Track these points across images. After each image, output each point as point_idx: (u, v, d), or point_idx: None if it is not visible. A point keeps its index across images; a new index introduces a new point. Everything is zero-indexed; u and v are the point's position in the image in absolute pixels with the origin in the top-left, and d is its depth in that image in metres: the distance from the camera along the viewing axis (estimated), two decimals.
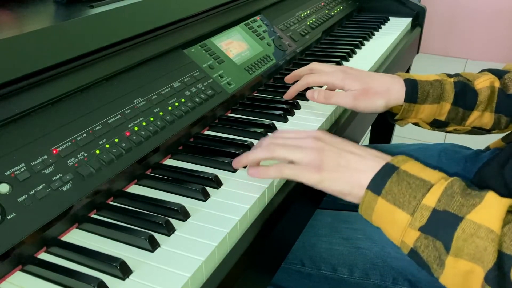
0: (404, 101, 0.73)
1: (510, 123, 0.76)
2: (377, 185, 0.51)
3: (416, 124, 0.78)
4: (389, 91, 0.73)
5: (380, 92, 0.73)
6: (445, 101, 0.73)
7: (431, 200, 0.47)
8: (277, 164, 0.57)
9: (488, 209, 0.45)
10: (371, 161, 0.53)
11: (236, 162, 0.61)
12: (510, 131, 0.78)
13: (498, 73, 0.76)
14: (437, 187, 0.48)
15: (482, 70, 0.79)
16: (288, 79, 0.84)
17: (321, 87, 0.82)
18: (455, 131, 0.78)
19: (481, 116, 0.74)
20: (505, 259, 0.42)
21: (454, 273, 0.46)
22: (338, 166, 0.54)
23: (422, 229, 0.47)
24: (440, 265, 0.47)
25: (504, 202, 0.45)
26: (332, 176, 0.54)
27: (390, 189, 0.50)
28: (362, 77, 0.75)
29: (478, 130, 0.77)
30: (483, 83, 0.74)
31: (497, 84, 0.74)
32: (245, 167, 0.63)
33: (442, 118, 0.75)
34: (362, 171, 0.53)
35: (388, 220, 0.50)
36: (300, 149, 0.56)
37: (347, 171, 0.53)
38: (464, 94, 0.73)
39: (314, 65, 0.80)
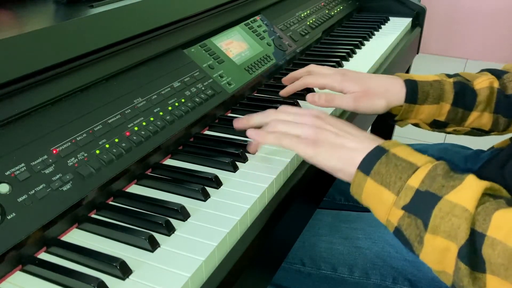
0: (404, 101, 0.73)
1: (508, 125, 0.76)
2: (366, 165, 0.53)
3: (416, 124, 0.78)
4: (389, 92, 0.73)
5: (380, 93, 0.73)
6: (445, 101, 0.73)
7: (415, 181, 0.50)
8: (276, 133, 0.60)
9: (466, 190, 0.47)
10: (365, 143, 0.55)
11: (237, 123, 0.65)
12: None
13: (497, 73, 0.76)
14: (422, 169, 0.50)
15: (482, 71, 0.79)
16: (285, 80, 0.84)
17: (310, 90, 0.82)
18: (454, 132, 0.78)
19: (480, 117, 0.74)
20: (477, 236, 0.45)
21: (432, 250, 0.48)
22: (334, 144, 0.56)
23: (405, 208, 0.50)
24: (420, 243, 0.49)
25: (482, 184, 0.47)
26: (326, 152, 0.56)
27: (378, 170, 0.52)
28: (361, 79, 0.75)
29: (477, 132, 0.77)
30: (482, 83, 0.74)
31: (496, 84, 0.74)
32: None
33: (442, 118, 0.75)
34: (355, 151, 0.55)
35: (376, 199, 0.53)
36: (300, 125, 0.60)
37: (342, 149, 0.56)
38: (464, 94, 0.73)
39: (312, 67, 0.80)
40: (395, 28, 1.26)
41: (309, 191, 0.69)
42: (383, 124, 1.57)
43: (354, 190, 0.55)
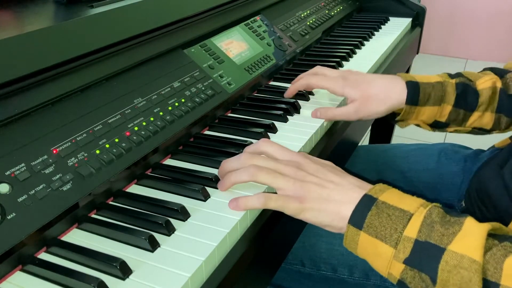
0: (406, 103, 0.73)
1: (510, 124, 0.76)
2: (357, 219, 0.50)
3: (416, 125, 0.78)
4: (390, 96, 0.73)
5: (381, 98, 0.73)
6: (447, 103, 0.73)
7: (412, 231, 0.47)
8: (259, 194, 0.55)
9: (468, 237, 0.45)
10: (351, 191, 0.52)
11: (222, 187, 0.58)
12: None
13: (500, 72, 0.76)
14: (417, 217, 0.48)
15: (484, 69, 0.79)
16: (293, 83, 0.84)
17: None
18: (455, 132, 0.78)
19: (482, 117, 0.74)
20: (491, 287, 0.43)
21: None
22: (320, 197, 0.53)
23: (406, 262, 0.47)
24: None
25: (483, 227, 0.45)
26: (313, 207, 0.53)
27: (371, 223, 0.49)
28: (362, 83, 0.75)
29: (478, 131, 0.77)
30: (485, 84, 0.74)
31: (499, 84, 0.74)
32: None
33: (443, 119, 0.75)
34: (342, 203, 0.52)
35: (373, 253, 0.50)
36: (283, 178, 0.54)
37: (328, 203, 0.52)
38: (466, 95, 0.73)
39: (317, 68, 0.80)
40: (395, 28, 1.26)
41: None
42: (383, 124, 1.57)
43: (348, 244, 0.52)
